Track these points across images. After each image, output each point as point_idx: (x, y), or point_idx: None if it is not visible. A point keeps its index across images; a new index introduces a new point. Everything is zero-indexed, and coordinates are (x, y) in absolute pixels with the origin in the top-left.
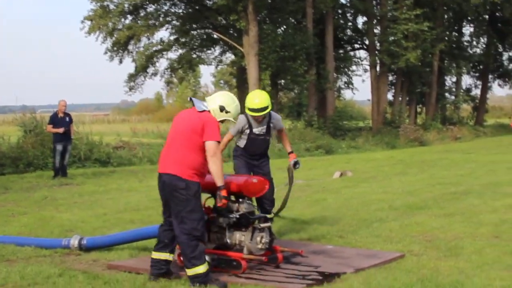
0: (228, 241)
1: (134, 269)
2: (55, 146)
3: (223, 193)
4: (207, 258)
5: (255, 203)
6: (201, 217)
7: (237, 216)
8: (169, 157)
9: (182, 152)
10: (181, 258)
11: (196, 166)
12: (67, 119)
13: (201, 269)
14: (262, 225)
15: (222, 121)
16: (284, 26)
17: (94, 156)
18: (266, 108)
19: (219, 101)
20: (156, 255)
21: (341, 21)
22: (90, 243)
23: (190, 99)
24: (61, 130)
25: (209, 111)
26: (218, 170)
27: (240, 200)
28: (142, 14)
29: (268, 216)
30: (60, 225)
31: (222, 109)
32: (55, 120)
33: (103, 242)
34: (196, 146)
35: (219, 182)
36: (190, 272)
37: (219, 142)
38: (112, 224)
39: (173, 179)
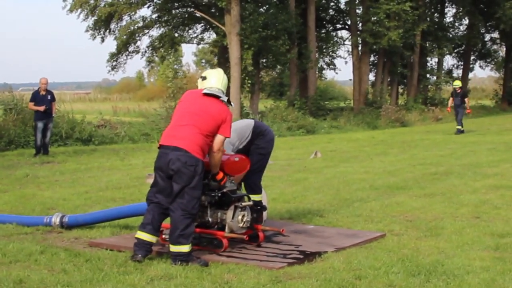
0: (210, 219)
1: (116, 247)
2: (36, 123)
3: (219, 176)
4: None
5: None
6: (200, 196)
7: (219, 195)
8: (179, 132)
9: (194, 131)
10: (163, 236)
11: (204, 147)
12: (49, 97)
13: (186, 248)
14: (244, 203)
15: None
16: (267, 6)
17: (76, 135)
18: None
19: (220, 82)
20: (145, 236)
21: (324, 1)
22: (72, 221)
23: (206, 93)
24: (42, 108)
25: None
26: (216, 163)
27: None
28: None
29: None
30: (42, 202)
31: (203, 78)
32: (36, 97)
33: (84, 220)
34: (210, 132)
35: (214, 171)
36: (174, 248)
37: (227, 138)
38: (93, 202)
39: (184, 155)
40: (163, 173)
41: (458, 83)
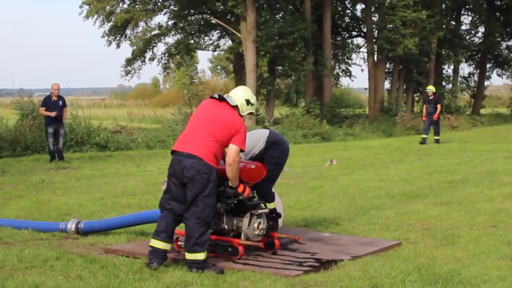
0: (226, 226)
1: (132, 253)
2: (47, 128)
3: (240, 189)
4: None
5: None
6: (214, 204)
7: (235, 202)
8: (194, 139)
9: (209, 138)
10: (179, 243)
11: (218, 155)
12: (60, 102)
13: (201, 256)
14: (260, 211)
15: (250, 114)
16: (282, 13)
17: (92, 141)
18: None
19: (243, 95)
20: (159, 244)
21: (339, 8)
22: (88, 227)
23: (219, 95)
24: (53, 114)
25: (236, 106)
26: (235, 176)
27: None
28: None
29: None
30: (57, 208)
31: (248, 102)
32: (48, 103)
33: (100, 226)
34: (223, 140)
35: (235, 183)
36: (190, 256)
37: (242, 150)
38: (109, 208)
39: (198, 162)
40: (176, 180)
41: (431, 88)
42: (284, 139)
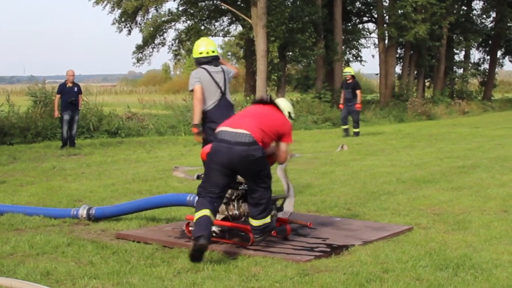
0: (237, 212)
1: (143, 239)
2: (62, 115)
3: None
4: (215, 228)
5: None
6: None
7: (246, 188)
8: (253, 120)
9: (263, 129)
10: (190, 229)
11: (267, 145)
12: (76, 89)
13: (268, 219)
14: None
15: None
16: None
17: (103, 128)
18: None
19: (287, 107)
20: (203, 212)
21: None
22: (99, 213)
23: (270, 98)
24: (56, 114)
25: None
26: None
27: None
28: None
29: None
30: (69, 195)
31: (289, 115)
32: (63, 89)
33: (111, 212)
34: (274, 135)
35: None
36: (260, 222)
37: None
38: (120, 195)
39: (249, 148)
40: (222, 162)
41: (349, 70)
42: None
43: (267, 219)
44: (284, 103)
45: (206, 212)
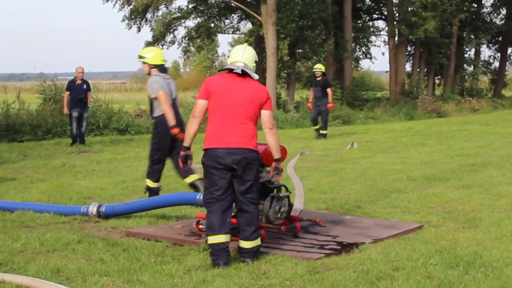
0: None
1: (153, 237)
2: (71, 112)
3: (281, 165)
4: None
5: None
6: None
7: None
8: (234, 130)
9: (246, 124)
10: (200, 227)
11: (255, 136)
12: (85, 86)
13: (259, 241)
14: (281, 194)
15: None
16: None
17: (113, 125)
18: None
19: (253, 57)
20: (219, 238)
21: None
22: (109, 211)
23: (242, 70)
24: (65, 111)
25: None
26: (277, 142)
27: (260, 169)
28: None
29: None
30: (79, 192)
31: (255, 62)
32: (72, 86)
33: (121, 210)
34: (254, 117)
35: (277, 155)
36: (254, 243)
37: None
38: (130, 192)
39: (248, 152)
40: (222, 172)
41: (319, 67)
42: None
43: (259, 240)
44: (250, 54)
45: (221, 238)
